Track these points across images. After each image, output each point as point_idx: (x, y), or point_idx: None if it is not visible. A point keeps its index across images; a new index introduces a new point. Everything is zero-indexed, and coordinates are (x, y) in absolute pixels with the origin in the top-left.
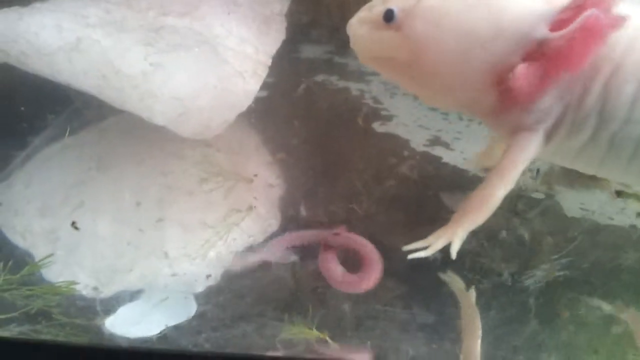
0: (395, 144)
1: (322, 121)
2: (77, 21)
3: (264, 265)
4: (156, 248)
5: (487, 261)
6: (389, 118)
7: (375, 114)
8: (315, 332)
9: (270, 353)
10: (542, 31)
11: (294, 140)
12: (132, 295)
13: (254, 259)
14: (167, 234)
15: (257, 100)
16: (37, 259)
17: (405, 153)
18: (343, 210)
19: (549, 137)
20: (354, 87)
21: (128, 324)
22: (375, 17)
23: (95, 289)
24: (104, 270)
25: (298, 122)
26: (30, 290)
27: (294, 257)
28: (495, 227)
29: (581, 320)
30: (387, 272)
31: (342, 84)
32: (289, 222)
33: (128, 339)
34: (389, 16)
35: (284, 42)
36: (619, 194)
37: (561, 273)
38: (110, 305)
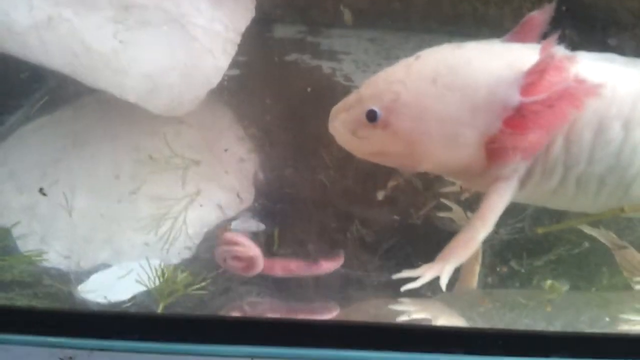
0: None
1: (294, 99)
2: None
3: None
4: (130, 221)
5: None
6: None
7: (346, 91)
8: None
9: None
10: (516, 98)
11: (266, 117)
12: (105, 266)
13: None
14: (140, 208)
15: (230, 78)
16: (15, 236)
17: None
18: (311, 183)
19: (522, 184)
20: (326, 66)
21: (100, 290)
22: (356, 117)
23: (69, 258)
24: (79, 242)
25: (270, 99)
26: (2, 260)
27: (261, 226)
28: None
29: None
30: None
31: (314, 62)
32: (261, 196)
33: (99, 304)
34: (372, 117)
35: (257, 21)
36: None
37: None
38: (85, 275)
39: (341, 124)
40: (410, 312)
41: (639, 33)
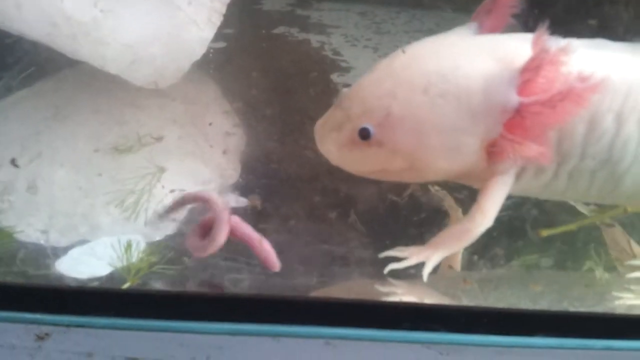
0: None
1: (281, 72)
2: None
3: None
4: (111, 195)
5: None
6: (347, 70)
7: (334, 65)
8: None
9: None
10: (514, 99)
11: (252, 90)
12: (83, 241)
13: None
14: (121, 181)
15: (216, 51)
16: None
17: None
18: (298, 158)
19: (518, 177)
20: (315, 39)
21: (77, 265)
22: (348, 137)
23: (47, 233)
24: (59, 217)
25: (257, 73)
26: None
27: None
28: None
29: None
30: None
31: (302, 36)
32: (247, 171)
33: (76, 279)
34: (365, 135)
35: None
36: None
37: None
38: (62, 250)
39: (333, 145)
40: (397, 294)
41: (631, 10)
